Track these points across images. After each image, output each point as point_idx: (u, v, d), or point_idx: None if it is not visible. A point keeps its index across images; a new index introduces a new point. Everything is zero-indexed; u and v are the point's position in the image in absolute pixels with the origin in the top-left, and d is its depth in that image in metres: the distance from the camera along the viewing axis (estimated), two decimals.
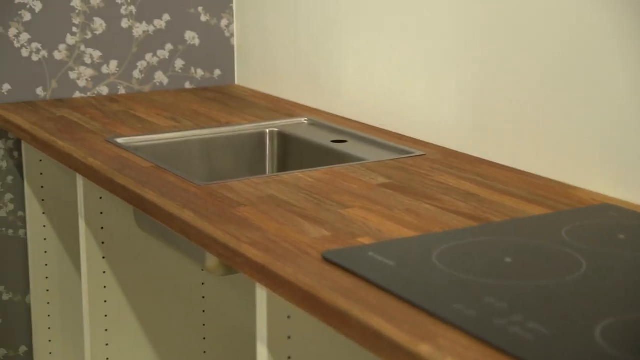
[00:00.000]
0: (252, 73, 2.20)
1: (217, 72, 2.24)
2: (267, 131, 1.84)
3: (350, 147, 1.69)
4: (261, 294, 1.18)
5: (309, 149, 1.75)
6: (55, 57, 2.07)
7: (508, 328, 0.92)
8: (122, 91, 2.16)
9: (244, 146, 1.82)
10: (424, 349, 0.90)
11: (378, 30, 1.81)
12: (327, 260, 1.11)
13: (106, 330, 1.75)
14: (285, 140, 1.82)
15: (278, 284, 1.10)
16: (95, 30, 2.11)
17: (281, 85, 2.10)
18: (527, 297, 1.00)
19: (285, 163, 1.82)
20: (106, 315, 1.75)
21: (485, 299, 0.99)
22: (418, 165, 1.55)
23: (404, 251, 1.14)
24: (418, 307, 0.98)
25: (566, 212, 1.29)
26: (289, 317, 1.19)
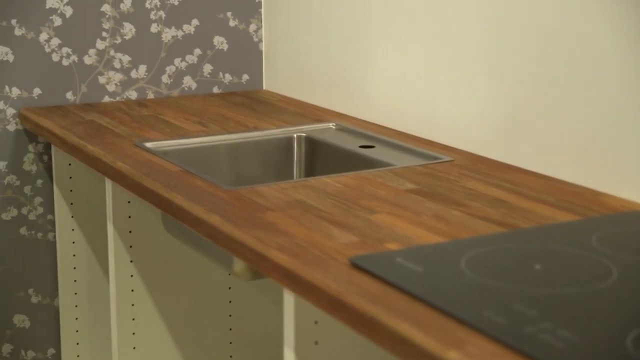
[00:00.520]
0: (280, 78, 2.21)
1: (245, 77, 2.25)
2: (295, 136, 1.84)
3: (378, 153, 1.69)
4: (289, 299, 1.18)
5: (337, 154, 1.75)
6: (85, 62, 2.09)
7: (538, 336, 0.92)
8: (151, 96, 2.17)
9: (272, 151, 1.82)
10: (453, 356, 0.89)
11: (407, 35, 1.80)
12: (355, 265, 1.11)
13: (133, 333, 1.76)
14: (312, 145, 1.82)
15: (306, 289, 1.10)
16: (124, 35, 2.12)
17: (309, 90, 2.10)
18: (557, 305, 0.99)
19: (312, 168, 1.81)
20: (133, 318, 1.76)
21: (514, 306, 0.98)
22: (446, 171, 1.54)
23: (432, 257, 1.13)
24: (446, 314, 0.98)
25: (596, 219, 1.28)
26: (317, 323, 1.18)
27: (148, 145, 1.71)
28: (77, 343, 2.12)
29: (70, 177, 2.06)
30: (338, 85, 2.01)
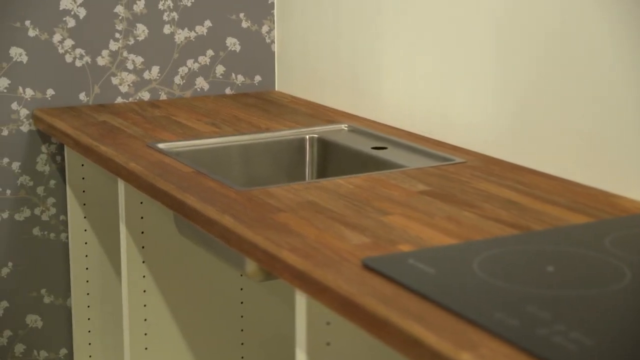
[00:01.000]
0: (293, 79, 2.21)
1: (258, 78, 2.25)
2: (307, 137, 1.84)
3: (390, 154, 1.69)
4: (301, 300, 1.18)
5: (349, 156, 1.75)
6: (98, 63, 2.09)
7: (551, 338, 0.91)
8: (163, 97, 2.17)
9: (284, 152, 1.82)
10: (465, 358, 0.89)
11: (419, 36, 1.80)
12: (368, 267, 1.11)
13: (145, 334, 1.76)
14: (325, 146, 1.82)
15: (318, 290, 1.10)
16: (137, 36, 2.12)
17: (321, 91, 2.10)
18: (570, 307, 0.99)
19: (324, 169, 1.82)
20: (145, 319, 1.76)
21: (527, 308, 0.98)
22: (458, 172, 1.54)
23: (445, 259, 1.13)
24: (459, 315, 0.97)
25: (609, 221, 1.28)
26: (329, 324, 1.18)
27: (161, 146, 1.72)
28: (89, 343, 2.12)
29: (83, 178, 2.06)
30: (350, 86, 2.01)
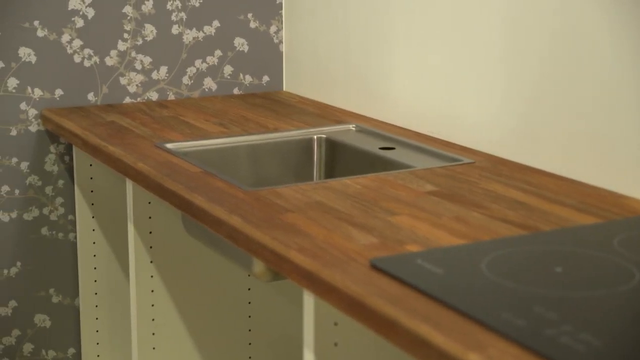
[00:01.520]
0: (300, 79, 2.21)
1: (266, 79, 2.25)
2: (315, 137, 1.84)
3: (398, 154, 1.69)
4: (308, 301, 1.18)
5: (357, 156, 1.75)
6: (106, 63, 2.10)
7: (558, 338, 0.91)
8: (172, 97, 2.17)
9: (292, 152, 1.83)
10: (473, 358, 0.89)
11: (428, 37, 1.80)
12: (375, 267, 1.11)
13: (153, 334, 1.77)
14: (332, 146, 1.82)
15: (325, 291, 1.10)
16: (145, 36, 2.13)
17: (329, 91, 2.10)
18: (578, 308, 0.99)
19: (332, 169, 1.81)
20: (153, 319, 1.76)
21: (535, 309, 0.98)
22: (467, 173, 1.54)
23: (453, 259, 1.13)
24: (467, 316, 0.97)
25: (618, 222, 1.27)
26: (336, 324, 1.18)
27: (169, 146, 1.72)
28: (97, 343, 2.13)
29: (91, 178, 2.07)
30: (358, 86, 2.01)
